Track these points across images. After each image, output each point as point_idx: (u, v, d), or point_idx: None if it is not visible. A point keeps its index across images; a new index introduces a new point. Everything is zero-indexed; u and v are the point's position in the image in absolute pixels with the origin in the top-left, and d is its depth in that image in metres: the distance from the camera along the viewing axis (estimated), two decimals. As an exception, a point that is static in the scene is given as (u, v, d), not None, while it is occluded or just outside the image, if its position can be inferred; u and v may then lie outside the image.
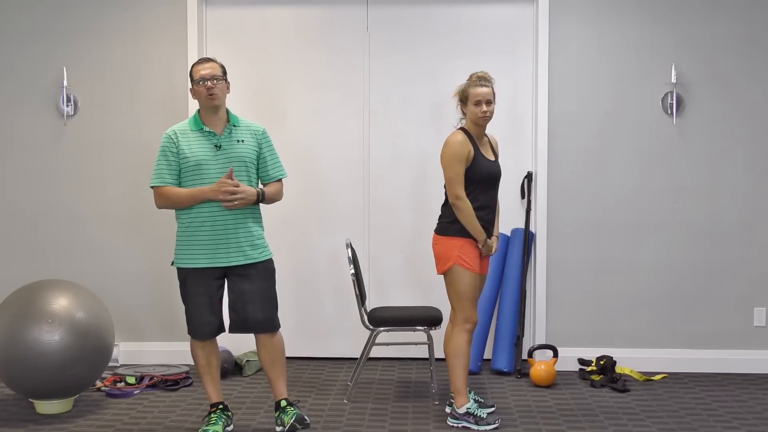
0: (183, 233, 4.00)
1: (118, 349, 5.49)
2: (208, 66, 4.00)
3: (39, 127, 5.50)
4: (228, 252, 3.97)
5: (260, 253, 4.04)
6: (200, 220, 3.96)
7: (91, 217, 5.52)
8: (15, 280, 5.48)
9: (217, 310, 4.04)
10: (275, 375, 4.11)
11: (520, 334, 5.35)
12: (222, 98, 4.01)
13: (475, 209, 4.21)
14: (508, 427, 4.20)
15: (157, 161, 4.03)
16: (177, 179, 4.01)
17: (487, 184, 4.26)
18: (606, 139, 5.38)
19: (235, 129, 4.06)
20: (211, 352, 4.09)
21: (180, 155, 3.99)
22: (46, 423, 4.27)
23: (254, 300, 4.00)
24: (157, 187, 4.00)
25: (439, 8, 5.51)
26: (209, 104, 3.98)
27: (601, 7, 5.35)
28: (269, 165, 4.14)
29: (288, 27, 5.55)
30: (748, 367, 5.35)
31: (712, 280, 5.38)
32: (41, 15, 5.47)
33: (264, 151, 4.12)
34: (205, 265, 3.97)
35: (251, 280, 4.00)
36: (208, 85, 3.95)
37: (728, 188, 5.35)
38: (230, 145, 4.01)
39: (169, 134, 4.03)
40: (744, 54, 5.31)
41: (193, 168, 3.96)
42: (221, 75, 4.01)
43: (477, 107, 4.20)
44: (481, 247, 4.26)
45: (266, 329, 4.04)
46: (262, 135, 4.13)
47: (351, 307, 5.61)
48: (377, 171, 5.57)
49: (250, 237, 4.01)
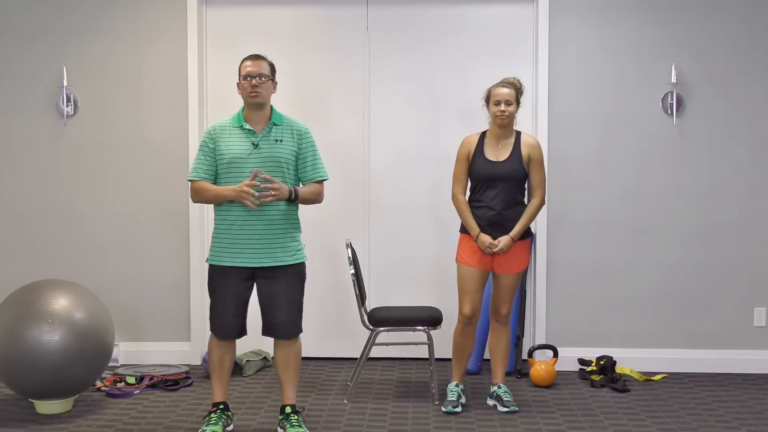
0: (216, 231, 4.02)
1: (118, 349, 5.49)
2: (257, 63, 3.98)
3: (39, 127, 5.50)
4: (256, 253, 3.94)
5: (291, 256, 4.00)
6: (231, 219, 3.96)
7: (91, 217, 5.52)
8: (15, 280, 5.48)
9: (241, 312, 4.01)
10: (286, 378, 4.09)
11: (520, 334, 5.35)
12: (266, 97, 3.98)
13: (477, 207, 4.43)
14: (509, 427, 4.20)
15: (196, 156, 4.04)
16: (212, 175, 4.00)
17: (485, 184, 4.42)
18: (606, 139, 5.38)
19: (276, 127, 4.02)
20: (226, 352, 4.07)
21: (216, 152, 3.99)
22: (46, 423, 4.27)
23: (280, 303, 3.98)
24: (192, 181, 4.02)
25: (439, 8, 5.51)
26: (250, 101, 3.97)
27: (601, 7, 5.35)
28: (309, 165, 4.06)
29: (288, 27, 5.55)
30: (748, 367, 5.35)
31: (712, 280, 5.38)
32: (41, 15, 5.47)
33: (304, 150, 4.05)
34: (230, 264, 3.96)
35: (278, 282, 3.98)
36: (253, 82, 3.94)
37: (728, 188, 5.35)
38: (267, 144, 3.97)
39: (209, 130, 4.04)
40: (744, 54, 5.31)
41: (227, 165, 3.95)
42: (268, 74, 3.99)
43: (496, 107, 4.40)
44: (476, 242, 4.40)
45: (287, 334, 4.02)
46: (302, 134, 4.06)
47: (351, 307, 5.61)
48: (377, 171, 5.57)
49: (281, 239, 3.97)
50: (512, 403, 4.44)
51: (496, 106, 4.38)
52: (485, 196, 4.41)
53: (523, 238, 4.47)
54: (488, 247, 4.38)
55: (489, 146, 4.46)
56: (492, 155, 4.43)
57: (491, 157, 4.42)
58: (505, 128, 4.44)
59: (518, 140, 4.47)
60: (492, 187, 4.39)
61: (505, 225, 4.41)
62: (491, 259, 4.47)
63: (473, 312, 4.46)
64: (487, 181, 4.40)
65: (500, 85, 4.42)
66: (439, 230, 5.55)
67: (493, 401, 4.55)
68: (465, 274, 4.46)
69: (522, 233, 4.44)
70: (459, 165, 4.49)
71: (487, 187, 4.41)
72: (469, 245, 4.46)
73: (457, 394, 4.52)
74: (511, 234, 4.39)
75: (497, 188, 4.39)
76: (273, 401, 4.68)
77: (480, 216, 4.42)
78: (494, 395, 4.54)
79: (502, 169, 4.39)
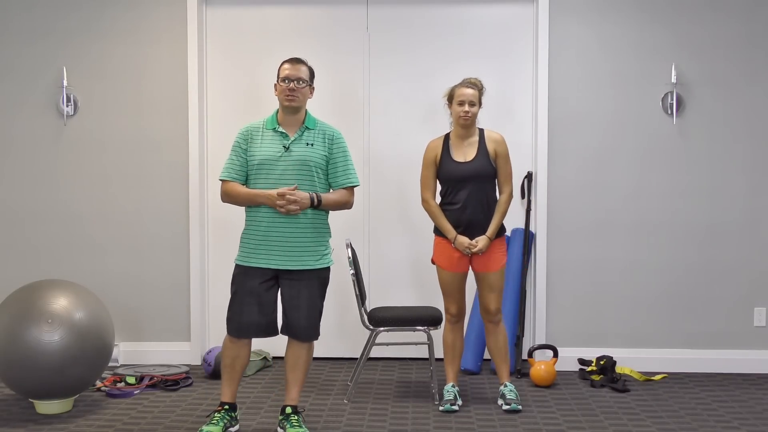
0: (245, 232, 4.03)
1: (118, 349, 5.49)
2: (296, 67, 3.99)
3: (39, 127, 5.50)
4: (282, 255, 3.94)
5: (316, 260, 3.99)
6: (258, 221, 3.96)
7: (91, 217, 5.52)
8: (15, 280, 5.48)
9: (266, 311, 3.98)
10: (293, 379, 4.08)
11: (520, 334, 5.35)
12: (302, 101, 3.99)
13: (451, 209, 4.46)
14: (509, 427, 4.20)
15: (229, 155, 4.05)
16: (243, 176, 4.01)
17: (456, 185, 4.44)
18: (606, 139, 5.38)
19: (308, 131, 4.02)
20: (239, 354, 4.04)
21: (248, 153, 3.99)
22: (46, 423, 4.27)
23: (299, 306, 3.97)
24: (224, 181, 4.02)
25: (439, 8, 5.51)
26: (287, 104, 3.97)
27: (601, 7, 5.35)
28: (340, 170, 4.05)
29: (288, 27, 5.55)
30: (748, 367, 5.35)
31: (712, 280, 5.38)
32: (41, 15, 5.47)
33: (336, 155, 4.05)
34: (253, 264, 3.96)
35: (301, 286, 3.98)
36: (291, 86, 3.94)
37: (728, 188, 5.35)
38: (299, 147, 3.97)
39: (243, 131, 4.05)
40: (744, 54, 5.31)
41: (258, 167, 3.96)
42: (307, 79, 4.00)
43: (459, 107, 4.42)
44: (454, 244, 4.41)
45: (304, 337, 4.02)
46: (334, 139, 4.05)
47: (351, 307, 5.61)
48: (377, 171, 5.58)
49: (306, 243, 3.96)
50: (515, 401, 4.44)
51: (460, 107, 4.39)
52: (457, 197, 4.43)
53: (497, 236, 4.48)
54: (467, 248, 4.40)
55: (455, 147, 4.48)
56: (459, 156, 4.45)
57: (458, 158, 4.45)
58: (468, 128, 4.47)
59: (482, 137, 4.48)
60: (463, 188, 4.42)
61: (480, 224, 4.43)
62: (468, 261, 4.49)
63: (459, 310, 4.56)
64: (458, 182, 4.42)
65: (464, 86, 4.43)
66: (439, 230, 5.55)
67: (500, 401, 4.56)
68: (444, 278, 4.53)
69: (497, 231, 4.46)
70: (426, 170, 4.50)
71: (458, 189, 4.43)
72: (445, 248, 4.48)
73: (454, 394, 4.52)
74: (487, 233, 4.42)
75: (468, 188, 4.41)
76: (273, 401, 4.68)
77: (455, 219, 4.44)
78: (500, 394, 4.55)
79: (470, 169, 4.41)
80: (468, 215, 4.42)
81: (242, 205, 4.01)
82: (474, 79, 4.51)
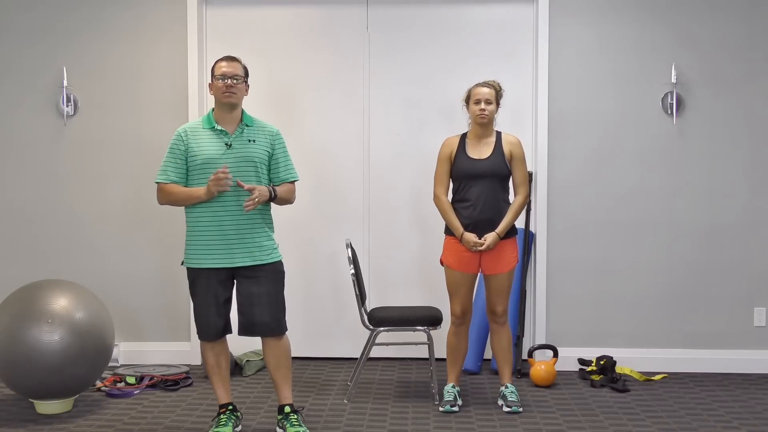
0: (190, 233, 4.00)
1: (118, 349, 5.49)
2: (232, 64, 4.00)
3: (39, 127, 5.50)
4: (234, 253, 3.94)
5: (268, 255, 4.00)
6: (206, 220, 3.95)
7: (92, 217, 5.52)
8: (15, 280, 5.47)
9: (223, 312, 4.02)
10: (280, 378, 4.08)
11: (520, 334, 5.35)
12: (239, 98, 4.00)
13: (462, 205, 4.46)
14: (509, 427, 4.20)
15: (165, 158, 4.02)
16: (182, 177, 4.00)
17: (469, 182, 4.45)
18: (606, 139, 5.38)
19: (248, 129, 4.03)
20: (220, 353, 4.08)
21: (188, 153, 3.98)
22: (46, 423, 4.27)
23: (261, 302, 3.97)
24: (161, 184, 4.00)
25: (439, 8, 5.51)
26: (224, 101, 3.97)
27: (601, 7, 5.35)
28: (281, 167, 4.09)
29: (288, 27, 5.55)
30: (748, 367, 5.35)
31: (712, 280, 5.38)
32: (41, 15, 5.47)
33: (277, 152, 4.08)
34: (211, 266, 3.95)
35: (259, 282, 3.97)
36: (228, 83, 3.95)
37: (728, 188, 5.35)
38: (241, 144, 3.98)
39: (180, 132, 4.03)
40: (744, 54, 5.31)
41: (201, 166, 3.95)
42: (242, 75, 4.01)
43: (476, 105, 4.45)
44: (461, 241, 4.43)
45: (272, 332, 4.01)
46: (275, 136, 4.09)
47: (351, 307, 5.61)
48: (377, 171, 5.58)
49: (257, 238, 3.98)
50: (516, 404, 4.44)
51: (476, 105, 4.44)
52: (469, 194, 4.44)
53: (509, 236, 4.48)
54: (474, 245, 4.39)
55: (471, 145, 4.50)
56: (474, 153, 4.47)
57: (473, 155, 4.47)
58: (485, 127, 4.48)
59: (499, 139, 4.51)
60: (475, 184, 4.43)
61: (490, 223, 4.42)
62: (478, 262, 4.48)
63: (464, 312, 4.53)
64: (471, 178, 4.43)
65: (480, 85, 4.49)
66: (439, 230, 5.54)
67: (501, 401, 4.55)
68: (452, 279, 4.52)
69: (507, 230, 4.45)
70: (441, 166, 4.53)
71: (470, 185, 4.44)
72: (455, 248, 4.48)
73: (454, 395, 4.52)
74: (497, 230, 4.41)
75: (480, 186, 4.42)
76: (273, 401, 4.68)
77: (465, 216, 4.44)
78: (501, 395, 4.55)
79: (484, 166, 4.42)
80: (478, 213, 4.41)
81: (182, 204, 3.98)
82: (492, 81, 4.55)
